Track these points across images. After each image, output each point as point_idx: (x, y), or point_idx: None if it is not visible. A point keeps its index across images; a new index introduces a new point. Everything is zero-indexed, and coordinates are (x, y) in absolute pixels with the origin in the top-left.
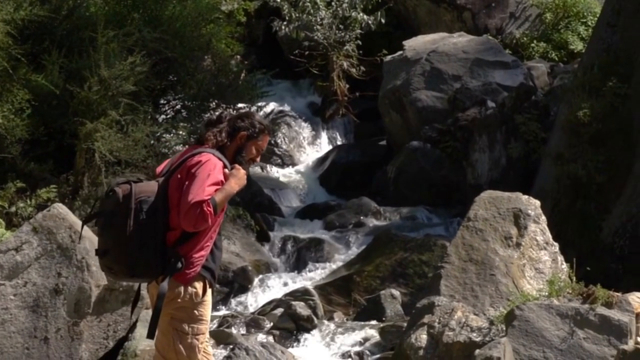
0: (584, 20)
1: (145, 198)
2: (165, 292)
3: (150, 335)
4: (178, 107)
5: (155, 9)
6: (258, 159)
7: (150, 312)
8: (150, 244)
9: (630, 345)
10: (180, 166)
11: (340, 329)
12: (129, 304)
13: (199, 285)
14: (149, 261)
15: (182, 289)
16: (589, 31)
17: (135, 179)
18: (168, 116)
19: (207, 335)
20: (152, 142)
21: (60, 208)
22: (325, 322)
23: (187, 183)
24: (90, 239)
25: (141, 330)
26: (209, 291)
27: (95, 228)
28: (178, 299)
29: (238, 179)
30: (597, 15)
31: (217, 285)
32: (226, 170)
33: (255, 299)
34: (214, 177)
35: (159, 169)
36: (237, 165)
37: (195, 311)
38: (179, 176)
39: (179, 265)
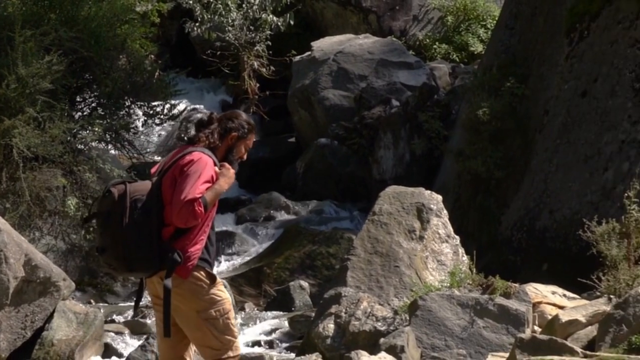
0: (484, 23)
1: (140, 197)
2: (170, 287)
3: (167, 333)
4: (94, 104)
5: (72, 9)
6: (245, 157)
7: (67, 303)
8: (145, 240)
9: (527, 334)
10: (173, 165)
11: (251, 319)
12: (46, 295)
13: (200, 274)
14: (145, 256)
15: (187, 283)
16: (488, 33)
17: (130, 179)
18: (84, 113)
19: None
20: (68, 138)
21: None
22: (237, 312)
23: (179, 181)
24: (8, 232)
25: (58, 320)
26: (215, 275)
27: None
28: (190, 293)
29: (228, 178)
30: (496, 18)
31: (132, 277)
32: (216, 169)
33: None
34: (206, 175)
35: (153, 170)
36: (226, 164)
37: (213, 295)
38: (172, 174)
39: (178, 258)
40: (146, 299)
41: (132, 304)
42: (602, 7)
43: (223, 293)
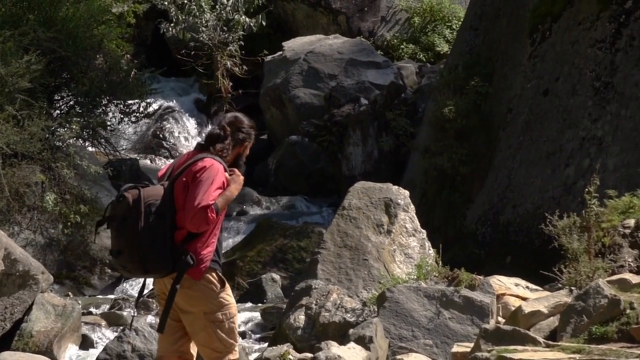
0: (449, 24)
1: (153, 201)
2: (177, 288)
3: (160, 329)
4: (71, 103)
5: (50, 10)
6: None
7: (45, 295)
8: (160, 243)
9: (491, 324)
10: (185, 170)
11: None
12: (25, 287)
13: (212, 276)
14: (159, 259)
15: (199, 284)
16: (454, 34)
17: (142, 184)
18: (62, 111)
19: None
20: (47, 135)
21: None
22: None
23: (192, 187)
24: None
25: (37, 312)
26: (224, 280)
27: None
28: (202, 295)
29: (238, 185)
30: (461, 19)
31: (109, 270)
32: (226, 175)
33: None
34: (218, 182)
35: (160, 173)
36: (236, 171)
37: (222, 299)
38: (184, 179)
39: (191, 261)
40: (124, 292)
41: (110, 296)
42: (564, 8)
43: (230, 298)
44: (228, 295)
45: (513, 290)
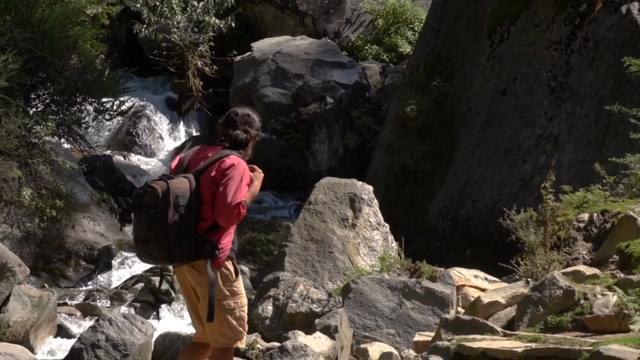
0: (412, 25)
1: (181, 193)
2: (213, 279)
3: (210, 318)
4: (47, 101)
5: (26, 11)
6: None
7: (22, 287)
8: (186, 233)
9: (451, 314)
10: (211, 166)
11: None
12: (2, 279)
13: (230, 265)
14: (185, 249)
15: (218, 273)
16: (416, 35)
17: (167, 176)
18: (38, 109)
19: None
20: (23, 133)
21: None
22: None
23: (223, 182)
24: None
25: (14, 303)
26: (239, 269)
27: None
28: (220, 279)
29: (260, 181)
30: (423, 21)
31: (84, 263)
32: (249, 172)
33: (118, 275)
34: (246, 179)
35: (173, 165)
36: (257, 168)
37: (234, 287)
38: (212, 174)
39: (216, 252)
40: (98, 284)
41: (85, 287)
42: (521, 11)
43: (242, 287)
44: (240, 284)
45: (472, 281)
